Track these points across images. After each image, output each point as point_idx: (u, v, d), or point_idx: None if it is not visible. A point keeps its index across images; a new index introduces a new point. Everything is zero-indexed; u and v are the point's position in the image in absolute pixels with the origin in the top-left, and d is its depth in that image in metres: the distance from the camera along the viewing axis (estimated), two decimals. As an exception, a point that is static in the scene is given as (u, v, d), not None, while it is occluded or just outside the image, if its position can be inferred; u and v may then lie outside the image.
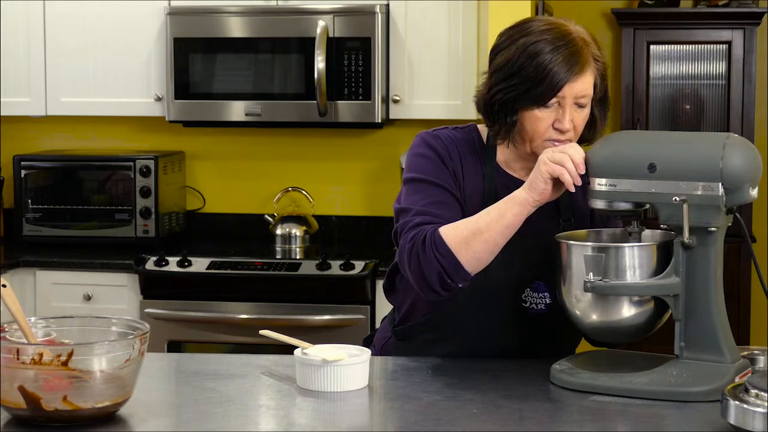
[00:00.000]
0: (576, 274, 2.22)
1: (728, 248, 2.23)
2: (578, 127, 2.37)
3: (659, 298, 2.19)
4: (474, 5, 4.40)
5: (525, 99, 2.33)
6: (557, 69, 2.31)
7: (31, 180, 4.67)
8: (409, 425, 2.03)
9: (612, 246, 2.21)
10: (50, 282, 4.40)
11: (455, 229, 2.29)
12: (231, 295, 4.27)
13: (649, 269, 2.19)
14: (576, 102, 2.35)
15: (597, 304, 2.22)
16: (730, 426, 1.86)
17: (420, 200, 2.39)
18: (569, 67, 2.32)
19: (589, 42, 2.39)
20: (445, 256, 2.27)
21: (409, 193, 2.42)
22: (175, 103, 4.54)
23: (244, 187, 4.92)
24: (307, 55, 4.41)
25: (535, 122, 2.35)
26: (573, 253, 2.22)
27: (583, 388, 2.19)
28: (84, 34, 4.63)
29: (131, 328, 2.04)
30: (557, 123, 2.34)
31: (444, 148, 2.44)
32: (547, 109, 2.34)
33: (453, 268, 2.27)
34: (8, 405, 1.93)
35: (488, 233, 2.26)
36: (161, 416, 2.06)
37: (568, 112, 2.34)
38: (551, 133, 2.36)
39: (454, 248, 2.27)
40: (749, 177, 2.14)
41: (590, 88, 2.37)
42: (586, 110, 2.38)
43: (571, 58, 2.33)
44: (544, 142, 2.36)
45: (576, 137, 2.39)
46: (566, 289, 2.25)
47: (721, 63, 5.08)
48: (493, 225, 2.26)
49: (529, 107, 2.34)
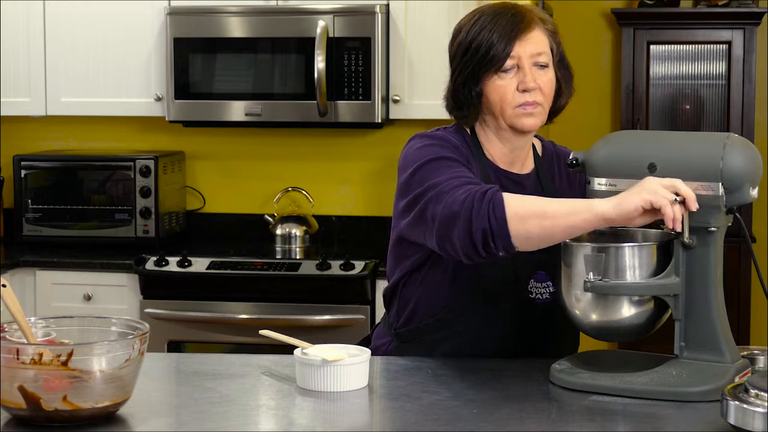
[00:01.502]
0: (576, 273, 2.22)
1: (728, 248, 2.23)
2: (545, 88, 2.40)
3: (659, 297, 2.19)
4: (474, 5, 4.39)
5: (482, 68, 2.38)
6: (503, 31, 2.38)
7: (31, 180, 4.67)
8: (409, 425, 2.03)
9: (612, 246, 2.21)
10: (50, 282, 4.40)
11: (520, 200, 2.19)
12: (231, 295, 4.27)
13: (649, 269, 2.19)
14: (535, 62, 2.39)
15: (597, 304, 2.21)
16: (730, 426, 1.86)
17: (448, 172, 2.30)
18: (514, 26, 2.38)
19: (533, 8, 2.45)
20: (499, 219, 2.16)
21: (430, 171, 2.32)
22: (175, 103, 4.54)
23: (244, 187, 4.92)
24: (307, 55, 4.41)
25: (499, 90, 2.39)
26: (573, 253, 2.22)
27: (583, 388, 2.19)
28: (84, 34, 4.63)
29: (131, 328, 2.04)
30: (521, 85, 2.38)
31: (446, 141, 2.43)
32: (507, 74, 2.38)
33: (500, 233, 2.16)
34: (8, 405, 1.93)
35: (551, 221, 2.14)
36: (161, 416, 2.06)
37: (529, 71, 2.38)
38: (518, 98, 2.39)
39: (510, 216, 2.15)
40: (749, 177, 2.14)
41: (545, 47, 2.41)
42: (550, 72, 2.42)
43: (513, 18, 2.40)
44: (514, 109, 2.40)
45: (546, 101, 2.42)
46: (566, 288, 2.25)
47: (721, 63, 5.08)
48: (560, 218, 2.14)
49: (489, 76, 2.39)
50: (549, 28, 2.44)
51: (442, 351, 2.47)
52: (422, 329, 2.50)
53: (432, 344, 2.48)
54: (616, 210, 2.10)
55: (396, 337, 2.55)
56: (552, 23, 2.46)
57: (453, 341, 2.47)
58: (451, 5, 4.42)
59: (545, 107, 2.43)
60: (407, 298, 2.52)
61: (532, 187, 2.50)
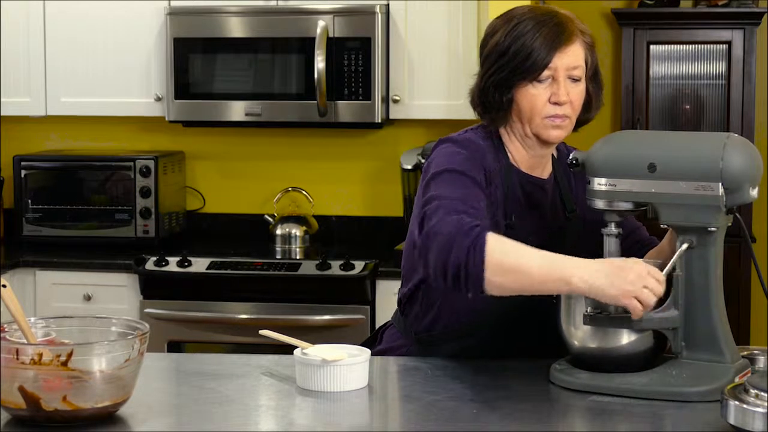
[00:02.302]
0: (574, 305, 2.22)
1: (728, 248, 2.23)
2: (575, 102, 2.39)
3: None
4: (474, 5, 4.40)
5: (517, 75, 2.37)
6: (544, 41, 2.36)
7: (31, 180, 4.67)
8: (409, 425, 2.03)
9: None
10: (50, 282, 4.40)
11: (503, 251, 2.15)
12: (231, 295, 4.27)
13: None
14: (569, 75, 2.38)
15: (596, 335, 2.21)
16: (730, 426, 1.86)
17: (457, 191, 2.28)
18: (555, 37, 2.36)
19: (574, 19, 2.43)
20: (477, 263, 2.14)
21: (442, 184, 2.31)
22: (175, 103, 4.54)
23: (244, 187, 4.91)
24: (307, 55, 4.41)
25: (531, 99, 2.37)
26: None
27: (583, 388, 2.19)
28: (84, 34, 4.63)
29: (131, 328, 2.04)
30: (553, 97, 2.37)
31: (470, 148, 2.39)
32: (541, 84, 2.37)
33: (474, 277, 2.15)
34: (8, 405, 1.93)
35: (527, 281, 2.14)
36: (161, 416, 2.06)
37: (563, 84, 2.37)
38: (548, 109, 2.38)
39: (488, 264, 2.13)
40: (749, 177, 2.14)
41: (581, 61, 2.40)
42: (582, 85, 2.41)
43: (556, 29, 2.37)
44: (543, 120, 2.38)
45: (574, 114, 2.41)
46: (565, 318, 2.25)
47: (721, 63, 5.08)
48: (535, 279, 2.14)
49: (523, 84, 2.37)
50: (587, 41, 2.42)
51: (468, 355, 2.43)
52: (447, 333, 2.47)
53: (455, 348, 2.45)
54: (590, 292, 2.12)
55: (417, 342, 2.52)
56: (590, 36, 2.44)
57: (479, 344, 2.43)
58: (451, 5, 4.42)
59: (573, 120, 2.42)
60: (430, 302, 2.48)
61: (551, 190, 2.50)
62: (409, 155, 4.43)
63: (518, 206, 2.44)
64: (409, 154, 4.43)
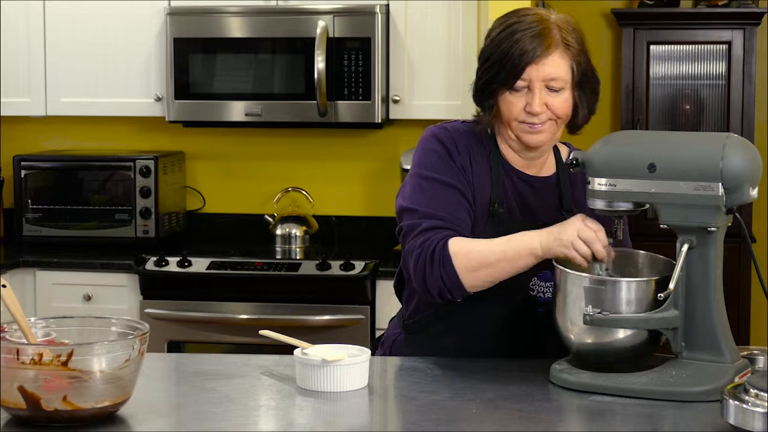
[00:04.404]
0: (572, 302, 2.23)
1: (728, 248, 2.23)
2: (557, 111, 2.41)
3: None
4: (474, 5, 4.40)
5: (495, 82, 2.41)
6: (519, 51, 2.37)
7: (31, 180, 4.67)
8: (409, 425, 2.03)
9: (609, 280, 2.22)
10: (50, 282, 4.40)
11: (467, 253, 2.31)
12: (231, 296, 4.27)
13: (646, 303, 2.19)
14: (548, 86, 2.39)
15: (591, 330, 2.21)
16: (730, 426, 1.86)
17: (428, 200, 2.40)
18: (531, 49, 2.37)
19: (563, 27, 2.41)
20: (451, 277, 2.32)
21: (416, 190, 2.43)
22: (175, 103, 4.54)
23: (244, 187, 4.91)
24: (307, 55, 4.41)
25: (508, 105, 2.41)
26: (569, 282, 2.23)
27: (583, 388, 2.19)
28: (84, 34, 4.63)
29: (131, 328, 2.04)
30: (528, 106, 2.39)
31: (452, 141, 2.47)
32: (517, 92, 2.40)
33: (455, 287, 2.33)
34: (8, 405, 1.93)
35: (496, 269, 2.31)
36: (161, 416, 2.06)
37: (537, 96, 2.38)
38: (524, 116, 2.41)
39: (461, 271, 2.31)
40: (749, 177, 2.14)
41: (561, 71, 2.39)
42: (564, 95, 2.41)
43: (534, 40, 2.37)
44: (519, 124, 2.42)
45: (559, 121, 2.43)
46: (561, 313, 2.26)
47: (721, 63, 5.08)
48: (503, 264, 2.30)
49: (501, 91, 2.41)
50: (572, 51, 2.41)
51: (443, 344, 2.48)
52: (426, 321, 2.51)
53: (435, 336, 2.50)
54: (547, 254, 2.27)
55: (404, 329, 2.56)
56: (578, 45, 2.42)
57: (453, 335, 2.48)
58: (451, 5, 4.42)
59: (559, 124, 2.44)
60: (412, 289, 2.52)
61: (548, 190, 2.51)
62: (409, 155, 4.43)
63: (506, 198, 2.47)
64: (409, 154, 4.43)
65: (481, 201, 2.45)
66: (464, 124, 2.52)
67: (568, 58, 2.40)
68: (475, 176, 2.45)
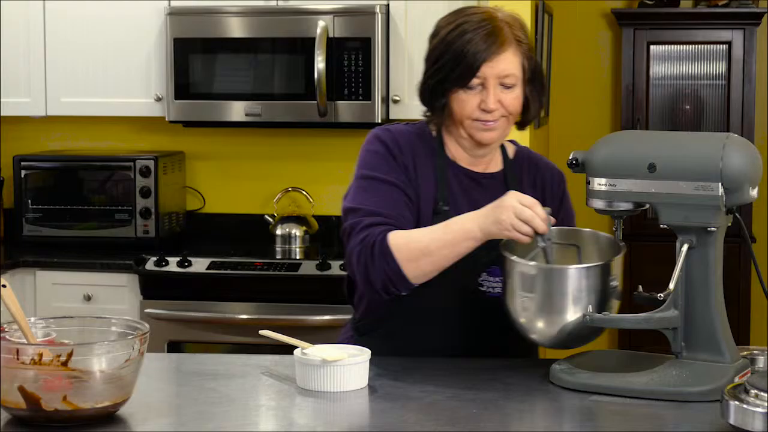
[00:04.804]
0: (517, 288, 2.24)
1: (728, 248, 2.23)
2: (509, 107, 2.43)
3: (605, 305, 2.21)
4: (474, 5, 4.40)
5: (449, 81, 2.42)
6: (474, 49, 2.39)
7: (31, 180, 4.67)
8: (409, 425, 2.03)
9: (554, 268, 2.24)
10: (50, 282, 4.40)
11: (406, 243, 2.33)
12: (231, 296, 4.27)
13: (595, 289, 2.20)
14: (501, 83, 2.41)
15: (541, 313, 2.23)
16: (730, 426, 1.86)
17: (370, 199, 2.43)
18: (486, 47, 2.39)
19: (512, 24, 2.45)
20: (393, 268, 2.33)
21: (358, 191, 2.47)
22: (175, 103, 4.54)
23: (244, 187, 4.92)
24: (307, 55, 4.41)
25: (462, 104, 2.43)
26: (514, 269, 2.25)
27: (583, 388, 2.19)
28: (84, 34, 4.63)
29: (131, 328, 2.04)
30: (482, 104, 2.41)
31: (394, 142, 2.49)
32: (471, 90, 2.42)
33: (399, 279, 2.34)
34: (8, 405, 1.93)
35: (437, 256, 2.32)
36: (161, 416, 2.06)
37: (492, 93, 2.40)
38: (477, 114, 2.43)
39: (402, 263, 2.32)
40: (749, 177, 2.14)
41: (514, 69, 2.42)
42: (516, 91, 2.44)
43: (488, 38, 2.40)
44: (473, 122, 2.44)
45: (510, 118, 2.46)
46: (510, 299, 2.27)
47: (721, 63, 5.09)
48: (444, 250, 2.31)
49: (454, 90, 2.42)
50: (523, 48, 2.44)
51: (396, 344, 2.47)
52: (376, 322, 2.52)
53: (386, 337, 2.49)
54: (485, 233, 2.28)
55: (355, 332, 2.56)
56: (528, 41, 2.46)
57: (404, 335, 2.47)
58: (452, 5, 4.39)
59: (510, 121, 2.47)
60: (362, 290, 2.53)
61: (496, 187, 2.52)
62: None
63: (452, 196, 2.48)
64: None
65: (426, 200, 2.46)
66: (408, 126, 2.55)
67: (520, 54, 2.43)
68: (419, 175, 2.47)
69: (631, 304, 2.28)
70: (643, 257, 5.00)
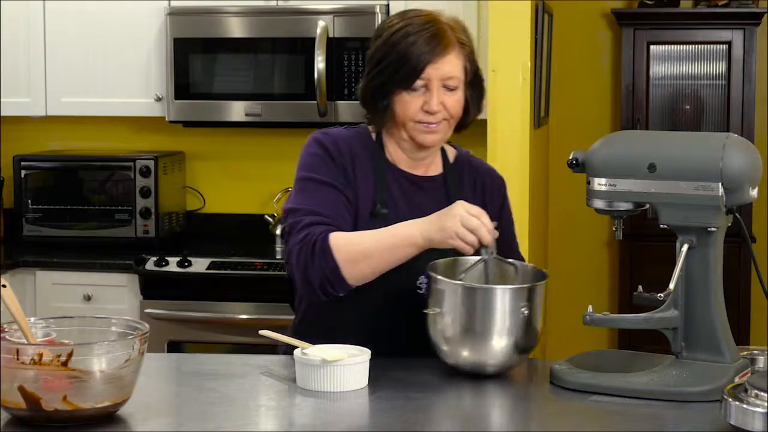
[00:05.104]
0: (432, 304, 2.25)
1: (728, 248, 2.23)
2: (451, 109, 2.44)
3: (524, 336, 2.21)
4: (474, 5, 4.40)
5: (392, 83, 2.43)
6: (418, 51, 2.40)
7: (31, 180, 4.67)
8: (409, 425, 2.03)
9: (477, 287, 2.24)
10: (50, 282, 4.40)
11: (346, 245, 2.33)
12: (231, 296, 4.27)
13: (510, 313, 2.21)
14: (444, 84, 2.43)
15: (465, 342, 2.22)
16: (730, 426, 1.86)
17: (309, 199, 2.43)
18: (430, 49, 2.40)
19: (455, 27, 2.47)
20: (332, 269, 2.33)
21: (298, 192, 2.47)
22: (175, 103, 4.54)
23: (244, 187, 4.92)
24: (307, 55, 4.41)
25: (405, 105, 2.43)
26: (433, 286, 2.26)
27: (583, 388, 2.19)
28: (84, 34, 4.63)
29: (131, 328, 2.04)
30: (426, 105, 2.42)
31: (333, 143, 2.50)
32: (415, 92, 2.43)
33: (337, 280, 2.34)
34: (8, 405, 1.93)
35: (377, 260, 2.33)
36: (161, 416, 2.06)
37: (435, 95, 2.41)
38: (420, 116, 2.44)
39: (341, 264, 2.33)
40: (749, 177, 2.14)
41: (456, 71, 2.44)
42: (458, 94, 2.45)
43: (431, 40, 2.41)
44: (415, 124, 2.44)
45: (452, 119, 2.46)
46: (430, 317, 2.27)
47: (721, 63, 5.08)
48: (384, 255, 2.32)
49: (397, 91, 2.43)
50: (466, 51, 2.46)
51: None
52: (315, 327, 2.47)
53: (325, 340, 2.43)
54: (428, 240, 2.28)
55: (295, 334, 2.52)
56: (470, 44, 2.48)
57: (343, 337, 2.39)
58: (451, 5, 4.41)
59: (451, 124, 2.48)
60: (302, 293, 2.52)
61: (436, 190, 2.53)
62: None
63: (391, 199, 2.48)
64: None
65: (364, 202, 2.46)
66: (347, 129, 2.56)
67: (463, 57, 2.45)
68: (358, 178, 2.48)
69: (631, 304, 2.28)
70: (643, 257, 5.00)
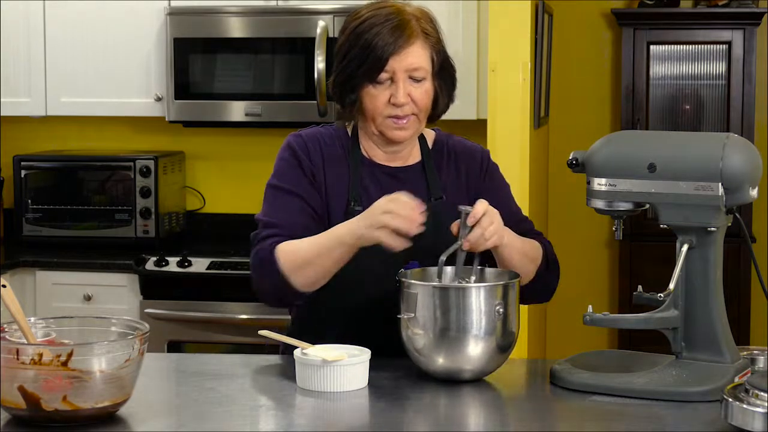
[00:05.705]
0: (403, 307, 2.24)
1: (728, 248, 2.23)
2: (419, 102, 2.43)
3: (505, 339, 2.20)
4: (474, 5, 4.40)
5: (357, 77, 2.42)
6: (381, 43, 2.39)
7: (31, 180, 4.67)
8: (409, 425, 2.03)
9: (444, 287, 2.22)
10: (50, 282, 4.40)
11: (292, 253, 2.35)
12: (231, 295, 4.27)
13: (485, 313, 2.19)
14: (410, 76, 2.41)
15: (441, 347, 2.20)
16: (730, 426, 1.86)
17: (269, 209, 2.46)
18: (393, 41, 2.39)
19: (420, 17, 2.44)
20: (280, 279, 2.35)
21: (264, 201, 2.50)
22: (175, 103, 4.54)
23: (244, 187, 4.91)
24: (307, 55, 4.41)
25: (372, 99, 2.42)
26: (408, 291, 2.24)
27: (583, 388, 2.19)
28: (84, 34, 4.63)
29: (131, 328, 2.04)
30: (392, 98, 2.41)
31: (304, 147, 2.51)
32: (380, 85, 2.41)
33: (287, 289, 2.36)
34: (8, 405, 1.93)
35: (317, 264, 2.33)
36: (161, 416, 2.06)
37: (401, 87, 2.40)
38: (389, 110, 2.42)
39: (288, 272, 2.34)
40: (749, 177, 2.14)
41: (423, 62, 2.42)
42: (425, 85, 2.43)
43: (394, 32, 2.39)
44: (384, 119, 2.43)
45: (421, 113, 2.44)
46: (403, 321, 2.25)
47: (721, 63, 5.08)
48: (323, 258, 2.33)
49: (364, 85, 2.42)
50: (431, 41, 2.44)
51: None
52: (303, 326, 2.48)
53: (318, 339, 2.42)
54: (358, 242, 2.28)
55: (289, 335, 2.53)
56: (436, 34, 2.46)
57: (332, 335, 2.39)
58: (451, 5, 4.42)
59: (420, 117, 2.45)
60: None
61: (415, 179, 2.51)
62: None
63: (366, 195, 2.46)
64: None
65: (338, 201, 2.46)
66: (323, 128, 2.56)
67: (428, 47, 2.43)
68: (330, 179, 2.47)
69: (631, 304, 2.28)
70: (643, 257, 5.00)
